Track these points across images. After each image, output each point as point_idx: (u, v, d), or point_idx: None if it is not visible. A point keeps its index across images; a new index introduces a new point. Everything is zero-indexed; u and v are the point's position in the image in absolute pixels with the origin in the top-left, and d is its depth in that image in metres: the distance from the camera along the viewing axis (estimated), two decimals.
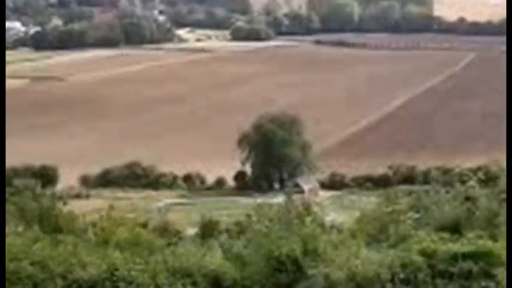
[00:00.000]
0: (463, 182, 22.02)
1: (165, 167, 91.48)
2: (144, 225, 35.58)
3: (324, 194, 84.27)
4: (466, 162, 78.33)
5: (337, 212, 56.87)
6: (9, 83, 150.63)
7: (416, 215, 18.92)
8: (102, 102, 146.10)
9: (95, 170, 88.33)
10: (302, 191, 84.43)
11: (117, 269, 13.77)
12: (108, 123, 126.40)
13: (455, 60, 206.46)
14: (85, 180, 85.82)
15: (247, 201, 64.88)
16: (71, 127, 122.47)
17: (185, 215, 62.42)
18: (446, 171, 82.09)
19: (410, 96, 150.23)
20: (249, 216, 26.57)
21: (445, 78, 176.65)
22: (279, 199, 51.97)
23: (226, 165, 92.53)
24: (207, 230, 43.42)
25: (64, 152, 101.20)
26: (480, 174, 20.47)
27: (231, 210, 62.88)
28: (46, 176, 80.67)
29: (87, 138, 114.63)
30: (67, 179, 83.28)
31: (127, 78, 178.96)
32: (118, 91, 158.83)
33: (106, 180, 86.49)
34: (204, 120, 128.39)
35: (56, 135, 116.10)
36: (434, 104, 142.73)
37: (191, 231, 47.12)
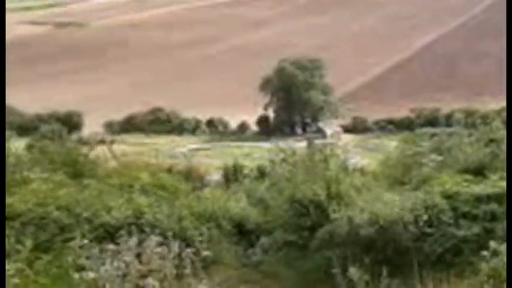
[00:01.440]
0: (486, 124, 21.86)
1: (189, 112, 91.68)
2: (169, 170, 35.86)
3: (346, 138, 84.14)
4: (490, 104, 77.63)
5: (360, 155, 56.84)
6: (31, 29, 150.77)
7: (439, 158, 18.85)
8: (125, 47, 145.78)
9: (119, 115, 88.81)
10: (325, 135, 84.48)
11: (142, 213, 13.97)
12: (132, 68, 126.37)
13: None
14: (109, 126, 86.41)
15: (270, 146, 64.92)
16: (95, 73, 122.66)
17: (209, 159, 62.79)
18: (470, 113, 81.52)
19: (434, 37, 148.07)
20: (272, 161, 26.72)
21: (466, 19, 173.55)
22: (302, 143, 52.07)
23: (249, 110, 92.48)
24: (231, 175, 43.68)
25: (89, 97, 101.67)
26: (504, 115, 20.25)
27: (255, 154, 63.10)
28: (71, 122, 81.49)
29: (112, 83, 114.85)
30: (92, 125, 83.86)
31: (151, 22, 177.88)
32: (142, 35, 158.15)
33: (130, 125, 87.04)
34: (228, 64, 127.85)
35: (81, 81, 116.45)
36: (456, 45, 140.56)
37: (215, 175, 47.46)
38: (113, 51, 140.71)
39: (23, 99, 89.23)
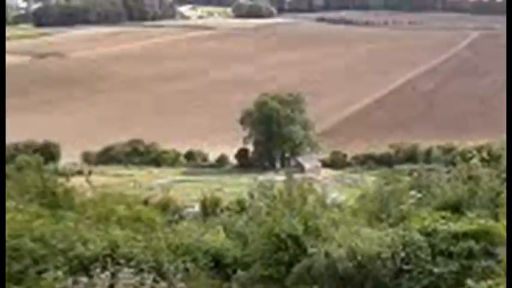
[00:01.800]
0: (466, 161, 21.95)
1: (167, 144, 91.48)
2: (145, 202, 35.64)
3: (326, 172, 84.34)
4: (468, 141, 78.24)
5: (338, 190, 56.91)
6: (10, 59, 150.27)
7: (418, 194, 18.85)
8: (103, 78, 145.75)
9: (96, 147, 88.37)
10: (303, 170, 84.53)
11: (118, 246, 13.75)
12: (109, 99, 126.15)
13: (459, 39, 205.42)
14: (87, 157, 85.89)
15: (249, 179, 64.95)
16: (72, 103, 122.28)
17: (187, 192, 62.52)
18: (448, 150, 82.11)
19: (410, 76, 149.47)
20: (250, 194, 26.60)
21: (449, 56, 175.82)
22: (281, 177, 52.04)
23: (228, 143, 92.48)
24: (209, 208, 43.54)
25: (66, 128, 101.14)
26: (483, 153, 20.33)
27: (233, 188, 62.92)
28: (48, 153, 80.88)
29: (88, 114, 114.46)
30: (69, 156, 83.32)
31: (128, 55, 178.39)
32: (119, 67, 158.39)
33: (108, 157, 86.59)
34: (204, 98, 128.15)
35: (57, 111, 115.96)
36: (436, 82, 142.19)
37: (193, 208, 47.24)
38: (92, 82, 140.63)
39: None
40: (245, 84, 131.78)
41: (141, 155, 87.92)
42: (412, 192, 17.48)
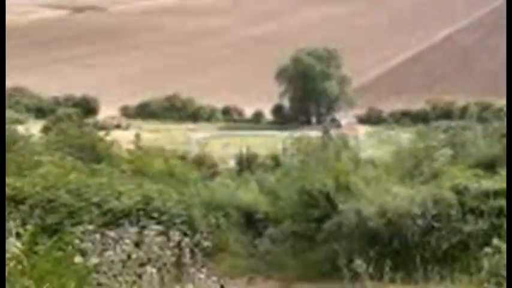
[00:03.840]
0: (501, 118, 21.68)
1: (204, 100, 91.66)
2: (183, 157, 35.99)
3: (361, 129, 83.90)
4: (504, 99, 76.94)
5: (373, 147, 56.69)
6: (48, 14, 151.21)
7: (452, 151, 18.76)
8: (143, 33, 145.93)
9: (135, 101, 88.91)
10: (339, 126, 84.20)
11: (151, 200, 14.00)
12: (149, 54, 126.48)
13: None
14: (125, 111, 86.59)
15: (285, 135, 64.93)
16: (112, 58, 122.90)
17: (223, 148, 62.88)
18: (485, 107, 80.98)
19: (450, 31, 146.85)
20: (285, 149, 26.73)
21: (491, 8, 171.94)
22: (317, 133, 51.99)
23: (265, 99, 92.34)
24: (244, 163, 43.76)
25: (105, 82, 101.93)
26: None
27: (269, 143, 63.09)
28: (87, 106, 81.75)
29: (128, 69, 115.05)
30: (108, 110, 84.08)
31: (168, 8, 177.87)
32: (159, 22, 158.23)
33: (146, 111, 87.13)
34: (243, 53, 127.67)
35: (97, 65, 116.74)
36: (475, 37, 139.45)
37: (228, 163, 47.54)
38: (130, 38, 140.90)
39: (39, 82, 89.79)
40: (277, 40, 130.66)
41: (178, 110, 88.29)
42: (445, 150, 17.39)
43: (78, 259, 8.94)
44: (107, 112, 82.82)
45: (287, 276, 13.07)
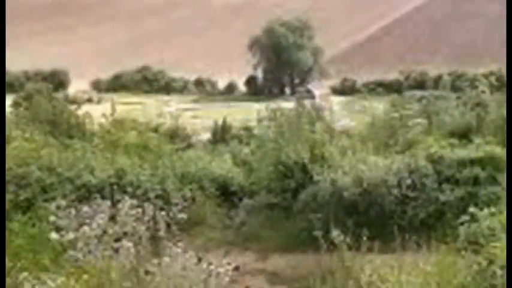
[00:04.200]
0: (474, 87, 21.75)
1: (176, 72, 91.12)
2: (156, 130, 35.69)
3: (335, 99, 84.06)
4: (480, 67, 77.52)
5: (347, 117, 56.87)
6: None
7: (426, 121, 18.82)
8: (112, 5, 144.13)
9: (106, 75, 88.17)
10: (313, 96, 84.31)
11: (124, 174, 13.82)
12: (118, 26, 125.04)
13: None
14: (97, 85, 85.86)
15: (259, 106, 64.78)
16: (81, 31, 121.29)
17: (196, 119, 62.66)
18: (458, 76, 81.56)
19: (418, 3, 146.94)
20: (259, 121, 26.63)
21: None
22: (290, 104, 51.95)
23: (237, 71, 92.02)
24: (218, 135, 43.65)
25: (75, 56, 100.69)
26: (492, 79, 20.17)
27: (242, 115, 62.96)
28: (57, 80, 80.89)
29: (98, 42, 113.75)
30: (78, 84, 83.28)
31: None
32: None
33: (117, 84, 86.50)
34: (212, 24, 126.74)
35: (66, 38, 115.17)
36: (446, 8, 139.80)
37: (202, 135, 47.40)
38: (101, 9, 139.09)
39: (7, 56, 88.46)
40: (252, 10, 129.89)
41: (150, 82, 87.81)
42: (419, 120, 17.42)
43: (53, 235, 8.80)
44: (77, 86, 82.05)
45: (264, 247, 13.01)
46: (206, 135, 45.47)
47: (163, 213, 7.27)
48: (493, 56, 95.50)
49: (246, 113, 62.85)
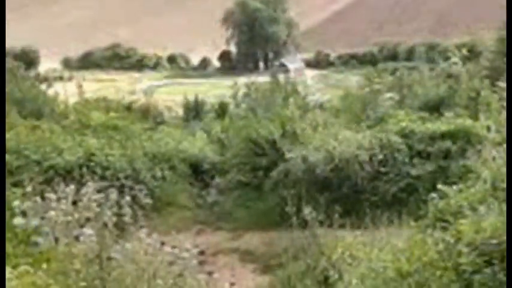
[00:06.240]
0: (447, 59, 21.72)
1: (148, 48, 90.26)
2: (128, 108, 35.27)
3: (309, 73, 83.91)
4: (453, 38, 77.63)
5: (321, 91, 56.72)
6: None
7: (399, 94, 18.73)
8: None
9: (76, 52, 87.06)
10: (288, 70, 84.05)
11: (93, 155, 13.60)
12: (86, 3, 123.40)
13: None
14: (67, 63, 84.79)
15: (232, 82, 64.27)
16: (47, 8, 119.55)
17: (169, 96, 62.20)
18: (431, 48, 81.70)
19: None
20: (232, 96, 26.40)
21: None
22: (265, 79, 51.60)
23: (211, 45, 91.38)
24: (191, 112, 43.25)
25: (43, 34, 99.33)
26: (463, 51, 20.11)
27: (216, 90, 62.60)
28: (27, 59, 79.66)
29: (65, 19, 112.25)
30: (48, 62, 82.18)
31: None
32: None
33: (88, 62, 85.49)
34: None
35: (36, 15, 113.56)
36: None
37: (175, 113, 46.95)
38: None
39: None
40: None
41: (121, 59, 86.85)
42: (389, 94, 17.31)
43: (16, 221, 8.60)
44: (47, 64, 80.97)
45: (236, 226, 12.92)
46: (180, 112, 45.03)
47: (128, 198, 7.10)
48: (467, 26, 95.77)
49: (220, 89, 62.50)
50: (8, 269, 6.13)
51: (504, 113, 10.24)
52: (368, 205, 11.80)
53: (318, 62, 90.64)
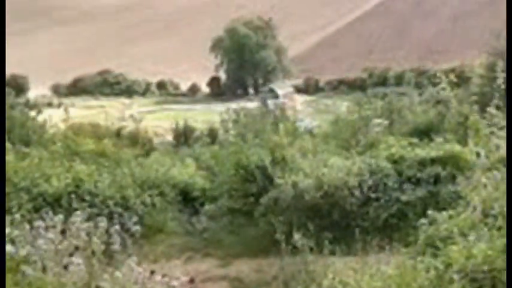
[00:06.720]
0: (435, 84, 21.86)
1: (138, 74, 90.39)
2: (117, 134, 35.29)
3: (299, 98, 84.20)
4: (443, 63, 78.20)
5: (311, 117, 56.94)
6: None
7: (388, 119, 18.79)
8: (68, 9, 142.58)
9: (66, 79, 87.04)
10: (277, 96, 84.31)
11: (82, 182, 13.54)
12: (73, 30, 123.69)
13: None
14: (57, 89, 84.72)
15: (222, 107, 64.54)
16: (37, 36, 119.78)
17: (159, 122, 62.24)
18: (420, 73, 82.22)
19: None
20: (222, 122, 26.40)
21: None
22: (254, 104, 51.80)
23: (200, 71, 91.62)
24: (181, 138, 43.33)
25: (33, 60, 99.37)
26: (451, 76, 20.24)
27: (206, 116, 62.68)
28: (16, 85, 79.56)
29: (56, 46, 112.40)
30: (38, 88, 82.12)
31: None
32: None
33: (78, 88, 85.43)
34: (172, 25, 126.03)
35: (26, 42, 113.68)
36: (409, 2, 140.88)
37: (164, 139, 47.01)
38: (56, 13, 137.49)
39: None
40: (213, 11, 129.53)
41: (111, 85, 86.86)
42: (378, 120, 17.35)
43: (7, 248, 8.51)
44: (37, 91, 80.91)
45: (226, 253, 12.85)
46: (169, 138, 45.07)
47: (117, 227, 7.05)
48: (457, 52, 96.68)
49: (209, 115, 62.58)
50: None
51: (493, 139, 10.29)
52: (358, 231, 11.79)
53: (307, 88, 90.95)
